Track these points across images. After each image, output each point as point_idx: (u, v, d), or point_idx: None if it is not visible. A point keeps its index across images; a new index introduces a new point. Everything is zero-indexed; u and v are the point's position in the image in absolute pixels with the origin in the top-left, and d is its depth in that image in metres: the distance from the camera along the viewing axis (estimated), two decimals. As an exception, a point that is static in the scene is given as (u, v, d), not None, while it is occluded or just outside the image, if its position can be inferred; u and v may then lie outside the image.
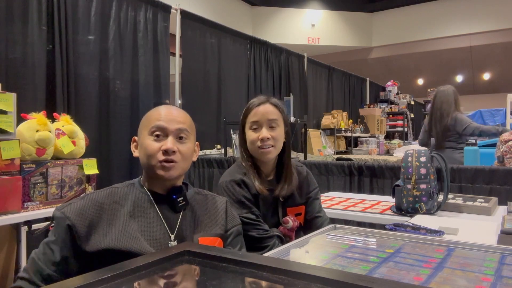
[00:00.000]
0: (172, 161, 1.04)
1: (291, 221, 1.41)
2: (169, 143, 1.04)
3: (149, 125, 1.06)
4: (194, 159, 1.14)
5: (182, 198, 1.07)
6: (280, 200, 1.46)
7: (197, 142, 1.16)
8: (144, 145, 1.05)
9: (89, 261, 0.95)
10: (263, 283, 0.61)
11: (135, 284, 0.61)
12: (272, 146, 1.39)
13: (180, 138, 1.07)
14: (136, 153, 1.11)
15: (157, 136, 1.05)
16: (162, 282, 0.65)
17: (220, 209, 1.15)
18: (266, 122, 1.39)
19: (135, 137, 1.13)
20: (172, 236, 1.03)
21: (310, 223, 1.50)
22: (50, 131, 1.97)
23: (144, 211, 1.03)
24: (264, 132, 1.38)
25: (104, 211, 1.00)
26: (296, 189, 1.48)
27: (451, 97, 3.25)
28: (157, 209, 1.05)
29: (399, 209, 1.79)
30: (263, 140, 1.37)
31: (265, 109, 1.40)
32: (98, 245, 0.95)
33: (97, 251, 0.95)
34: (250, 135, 1.41)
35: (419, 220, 1.55)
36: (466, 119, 3.21)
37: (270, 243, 1.33)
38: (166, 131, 1.05)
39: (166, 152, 1.03)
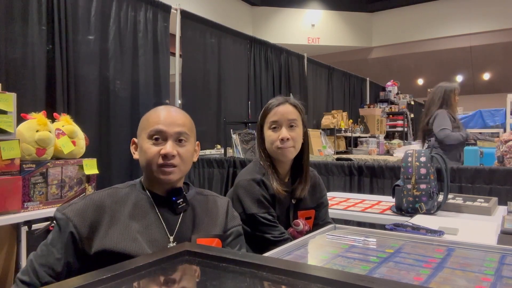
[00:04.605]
0: (171, 165, 1.03)
1: (301, 224, 1.42)
2: (168, 147, 1.02)
3: (148, 128, 1.05)
4: (195, 159, 1.14)
5: (182, 200, 1.06)
6: (292, 203, 1.46)
7: (197, 142, 1.15)
8: (143, 148, 1.04)
9: (88, 262, 0.95)
10: (263, 283, 0.61)
11: (135, 284, 0.61)
12: (292, 146, 1.39)
13: (180, 141, 1.06)
14: (136, 155, 1.10)
15: (156, 139, 1.03)
16: (162, 282, 0.65)
17: (220, 210, 1.14)
18: (286, 122, 1.39)
19: (135, 139, 1.12)
20: (171, 238, 1.02)
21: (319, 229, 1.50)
22: (50, 131, 1.97)
23: (144, 212, 1.03)
24: (284, 132, 1.38)
25: (105, 211, 0.99)
26: (308, 192, 1.48)
27: (438, 95, 3.21)
28: (157, 211, 1.04)
29: (399, 209, 1.79)
30: (283, 140, 1.37)
31: (285, 109, 1.40)
32: (99, 246, 0.95)
33: (97, 252, 0.94)
34: (270, 135, 1.41)
35: (419, 220, 1.55)
36: (444, 121, 3.08)
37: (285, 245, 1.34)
38: (165, 134, 1.04)
39: (165, 156, 1.02)
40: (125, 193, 1.05)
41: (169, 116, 1.06)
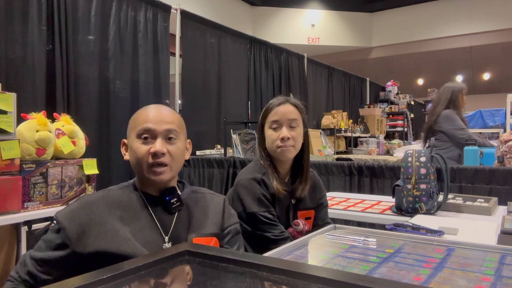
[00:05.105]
0: (162, 164, 1.02)
1: (301, 224, 1.42)
2: (158, 145, 1.01)
3: (136, 127, 1.04)
4: (187, 157, 1.12)
5: (176, 199, 1.05)
6: (292, 203, 1.46)
7: (188, 140, 1.14)
8: (133, 148, 1.03)
9: (82, 262, 0.95)
10: (263, 283, 0.61)
11: (135, 284, 0.61)
12: (292, 146, 1.40)
13: (169, 138, 1.04)
14: (126, 156, 1.09)
15: (145, 138, 1.02)
16: (162, 282, 0.65)
17: (217, 208, 1.13)
18: (287, 121, 1.40)
19: (124, 140, 1.10)
20: (166, 238, 1.02)
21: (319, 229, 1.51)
22: (50, 131, 1.97)
23: (137, 213, 1.02)
24: (285, 132, 1.39)
25: (96, 213, 0.99)
26: (307, 193, 1.49)
27: (446, 95, 3.19)
28: (151, 212, 1.03)
29: (399, 209, 1.79)
30: (284, 140, 1.38)
31: (285, 109, 1.41)
32: (91, 247, 0.95)
33: (90, 253, 0.95)
34: (270, 134, 1.42)
35: (419, 220, 1.55)
36: (459, 122, 3.06)
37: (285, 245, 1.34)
38: (154, 132, 1.02)
39: (155, 154, 1.01)
40: (118, 195, 1.04)
41: (157, 114, 1.05)
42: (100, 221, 0.98)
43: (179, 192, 1.09)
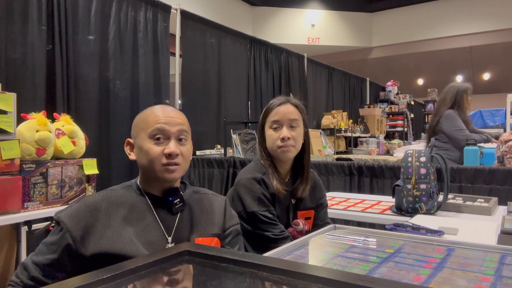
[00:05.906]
0: (175, 164, 1.03)
1: (301, 224, 1.42)
2: (172, 146, 1.02)
3: (148, 128, 1.03)
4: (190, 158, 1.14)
5: (178, 200, 1.06)
6: (292, 203, 1.46)
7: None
8: (145, 149, 1.03)
9: (85, 264, 0.95)
10: (263, 283, 0.61)
11: (136, 284, 0.61)
12: (293, 146, 1.40)
13: (180, 139, 1.05)
14: (132, 156, 1.08)
15: (158, 139, 1.03)
16: (162, 282, 0.65)
17: (218, 208, 1.13)
18: (287, 121, 1.40)
19: (130, 140, 1.10)
20: (169, 239, 1.02)
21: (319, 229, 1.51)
22: (50, 131, 1.97)
23: (140, 214, 1.02)
24: (285, 132, 1.39)
25: (99, 214, 0.99)
26: (308, 192, 1.49)
27: (450, 95, 3.17)
28: (154, 212, 1.04)
29: (399, 209, 1.79)
30: (284, 140, 1.38)
31: (286, 109, 1.41)
32: (94, 248, 0.95)
33: (93, 254, 0.95)
34: (271, 134, 1.42)
35: (419, 220, 1.55)
36: (459, 122, 3.06)
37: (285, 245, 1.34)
38: (168, 133, 1.03)
39: (169, 155, 1.01)
40: (121, 195, 1.04)
41: (168, 115, 1.06)
42: (104, 222, 0.98)
43: (181, 192, 1.09)
